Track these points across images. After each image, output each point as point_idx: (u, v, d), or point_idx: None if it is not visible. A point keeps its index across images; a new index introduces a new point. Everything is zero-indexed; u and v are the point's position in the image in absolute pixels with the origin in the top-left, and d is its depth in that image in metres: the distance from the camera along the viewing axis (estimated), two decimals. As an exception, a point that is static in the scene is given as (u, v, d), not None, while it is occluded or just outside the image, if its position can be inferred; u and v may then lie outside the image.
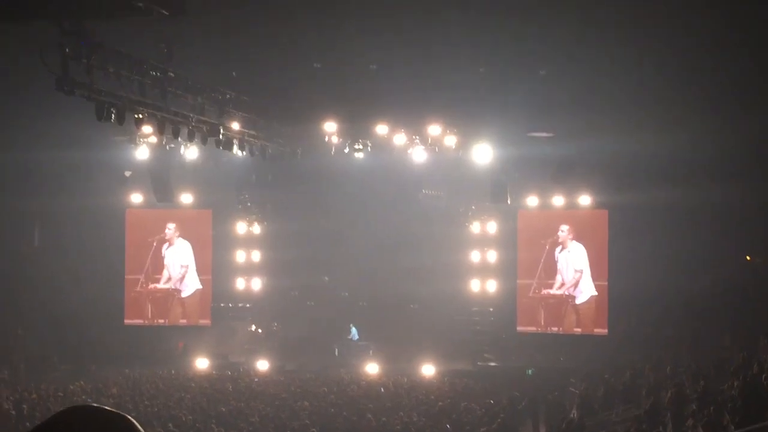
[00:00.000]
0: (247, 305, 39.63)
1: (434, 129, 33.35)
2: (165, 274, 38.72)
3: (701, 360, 28.90)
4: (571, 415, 26.28)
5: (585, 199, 36.36)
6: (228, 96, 29.44)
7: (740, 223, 35.14)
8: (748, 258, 37.59)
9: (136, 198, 38.77)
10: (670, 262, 34.63)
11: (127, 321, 38.29)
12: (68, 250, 38.60)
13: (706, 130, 31.38)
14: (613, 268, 35.70)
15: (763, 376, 22.47)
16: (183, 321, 38.78)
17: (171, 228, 38.74)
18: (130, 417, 2.32)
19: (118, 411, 2.32)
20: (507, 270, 37.29)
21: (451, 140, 33.61)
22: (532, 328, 36.66)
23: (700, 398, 23.85)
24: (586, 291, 36.12)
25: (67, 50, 21.89)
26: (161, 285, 38.65)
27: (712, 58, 30.62)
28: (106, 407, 2.34)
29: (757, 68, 30.79)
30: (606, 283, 35.90)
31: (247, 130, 30.98)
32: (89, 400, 27.34)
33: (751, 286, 34.43)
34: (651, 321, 35.30)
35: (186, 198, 39.01)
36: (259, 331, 39.25)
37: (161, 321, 38.65)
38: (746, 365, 24.51)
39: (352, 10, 28.09)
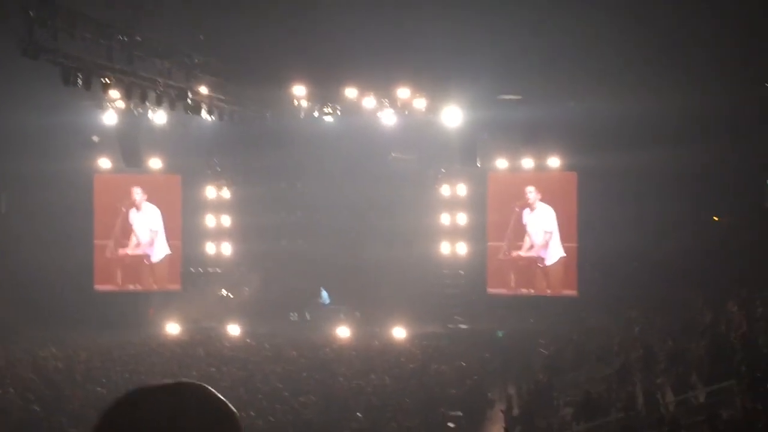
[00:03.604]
0: (218, 270, 39.52)
1: (403, 92, 33.24)
2: (133, 239, 38.51)
3: (670, 320, 29.19)
4: (540, 376, 26.56)
5: (554, 161, 36.41)
6: (196, 60, 29.12)
7: (707, 185, 35.41)
8: (715, 219, 37.94)
9: (104, 163, 38.44)
10: (638, 224, 34.88)
11: (97, 286, 38.10)
12: (36, 215, 38.22)
13: (674, 93, 31.52)
14: (582, 229, 35.86)
15: (732, 335, 22.80)
16: (155, 287, 38.65)
17: (138, 192, 38.47)
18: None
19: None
20: (477, 232, 37.31)
21: (420, 103, 33.51)
22: (502, 290, 36.77)
23: (669, 358, 24.19)
24: (556, 253, 36.28)
25: (31, 14, 21.59)
26: (130, 251, 38.44)
27: (681, 23, 30.72)
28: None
29: (727, 33, 30.93)
30: (575, 245, 36.04)
31: (215, 95, 30.76)
32: (60, 365, 27.28)
33: (718, 247, 34.76)
34: (620, 282, 35.55)
35: (155, 163, 38.73)
36: (230, 295, 39.18)
37: (132, 287, 38.49)
38: (714, 325, 24.81)
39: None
